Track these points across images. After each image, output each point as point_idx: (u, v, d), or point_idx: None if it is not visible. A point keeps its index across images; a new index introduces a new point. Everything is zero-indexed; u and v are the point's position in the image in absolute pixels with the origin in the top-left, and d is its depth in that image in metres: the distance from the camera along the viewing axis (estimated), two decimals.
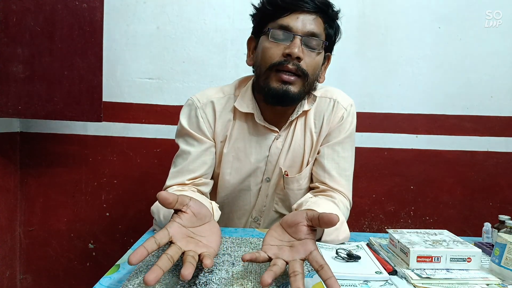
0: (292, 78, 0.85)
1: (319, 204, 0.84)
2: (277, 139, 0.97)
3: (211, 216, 0.69)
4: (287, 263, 0.58)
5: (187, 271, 0.52)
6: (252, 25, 0.96)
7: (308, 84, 0.88)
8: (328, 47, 0.93)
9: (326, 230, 0.78)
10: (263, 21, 0.90)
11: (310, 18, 0.85)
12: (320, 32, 0.87)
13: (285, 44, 0.84)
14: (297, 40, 0.84)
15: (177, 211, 0.63)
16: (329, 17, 0.89)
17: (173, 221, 0.61)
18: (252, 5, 0.93)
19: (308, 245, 0.59)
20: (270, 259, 0.59)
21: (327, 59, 0.96)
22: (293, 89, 0.86)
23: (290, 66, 0.84)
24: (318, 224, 0.59)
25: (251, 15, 0.95)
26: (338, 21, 0.93)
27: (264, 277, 0.53)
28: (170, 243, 0.58)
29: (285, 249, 0.60)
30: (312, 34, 0.85)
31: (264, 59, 0.87)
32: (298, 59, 0.84)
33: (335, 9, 0.90)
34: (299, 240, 0.60)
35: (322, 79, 0.96)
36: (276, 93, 0.86)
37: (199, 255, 0.58)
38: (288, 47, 0.83)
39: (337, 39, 0.95)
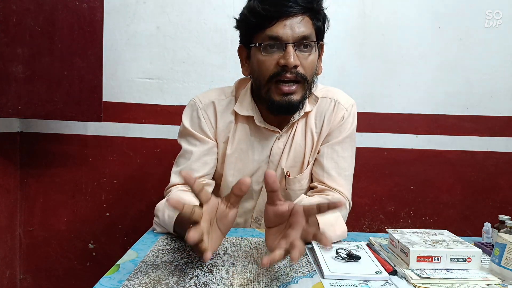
0: (293, 87, 0.85)
1: (312, 202, 0.84)
2: (278, 139, 0.97)
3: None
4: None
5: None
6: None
7: (308, 85, 0.89)
8: (320, 37, 0.91)
9: (321, 226, 0.78)
10: (250, 32, 0.88)
11: (297, 20, 0.83)
12: (310, 31, 0.85)
13: (278, 54, 0.84)
14: (290, 48, 0.82)
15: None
16: (316, 12, 0.87)
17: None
18: (234, 18, 0.92)
19: (298, 213, 0.61)
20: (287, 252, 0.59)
21: (321, 48, 0.94)
22: (295, 97, 0.86)
23: (288, 75, 0.84)
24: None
25: (235, 27, 0.93)
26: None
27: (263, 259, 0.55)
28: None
29: (289, 232, 0.61)
30: (303, 38, 0.84)
31: (261, 72, 0.86)
32: (295, 67, 0.83)
33: (319, 1, 0.88)
34: (289, 217, 0.62)
35: (320, 70, 0.95)
36: (280, 106, 0.86)
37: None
38: (283, 57, 0.83)
39: (327, 27, 0.93)
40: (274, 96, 0.86)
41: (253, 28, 0.86)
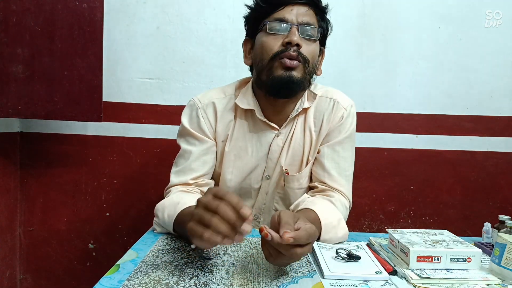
0: (294, 62, 0.86)
1: (315, 203, 0.84)
2: (277, 136, 0.97)
3: None
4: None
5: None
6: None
7: (309, 71, 0.90)
8: (321, 41, 0.95)
9: (324, 228, 0.78)
10: (259, 18, 0.92)
11: (303, 9, 0.88)
12: (314, 22, 0.90)
13: (283, 35, 0.87)
14: (294, 29, 0.86)
15: None
16: (320, 10, 0.92)
17: None
18: (246, 5, 0.95)
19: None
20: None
21: (321, 52, 0.97)
22: (296, 74, 0.87)
23: (291, 52, 0.86)
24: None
25: (244, 17, 0.97)
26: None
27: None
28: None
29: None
30: (307, 23, 0.88)
31: (265, 51, 0.88)
32: (298, 46, 0.86)
33: (323, 4, 0.94)
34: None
35: (319, 71, 0.98)
36: (281, 80, 0.87)
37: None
38: (287, 36, 0.86)
39: (329, 33, 0.97)
40: (276, 71, 0.87)
41: (262, 14, 0.90)
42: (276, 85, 0.88)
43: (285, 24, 0.87)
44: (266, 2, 0.90)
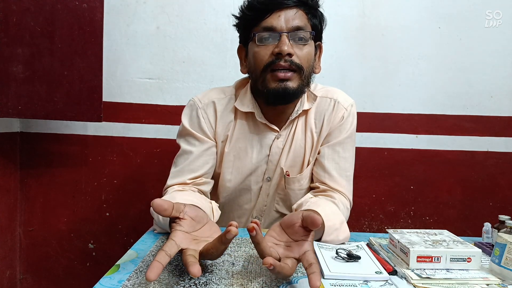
0: (289, 74, 0.85)
1: (319, 205, 0.84)
2: (277, 138, 0.97)
3: (207, 217, 0.70)
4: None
5: (195, 269, 0.53)
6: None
7: (305, 76, 0.89)
8: (317, 37, 0.93)
9: (326, 230, 0.78)
10: (247, 27, 0.90)
11: (292, 13, 0.86)
12: (305, 24, 0.87)
13: (273, 44, 0.85)
14: (284, 37, 0.84)
15: (175, 219, 0.63)
16: (311, 8, 0.89)
17: (175, 229, 0.61)
18: (233, 15, 0.94)
19: (303, 246, 0.60)
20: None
21: (318, 48, 0.96)
22: (292, 84, 0.86)
23: (282, 63, 0.84)
24: (306, 224, 0.59)
25: (234, 25, 0.96)
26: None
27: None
28: (180, 251, 0.59)
29: (280, 247, 0.61)
30: (297, 28, 0.85)
31: (256, 63, 0.88)
32: (289, 55, 0.84)
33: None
34: (296, 241, 0.61)
35: (318, 69, 0.96)
36: (276, 93, 0.86)
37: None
38: (277, 46, 0.84)
39: (323, 27, 0.94)
40: (270, 84, 0.86)
41: (250, 22, 0.89)
42: (273, 96, 0.87)
43: (274, 33, 0.85)
44: (251, 10, 0.87)
